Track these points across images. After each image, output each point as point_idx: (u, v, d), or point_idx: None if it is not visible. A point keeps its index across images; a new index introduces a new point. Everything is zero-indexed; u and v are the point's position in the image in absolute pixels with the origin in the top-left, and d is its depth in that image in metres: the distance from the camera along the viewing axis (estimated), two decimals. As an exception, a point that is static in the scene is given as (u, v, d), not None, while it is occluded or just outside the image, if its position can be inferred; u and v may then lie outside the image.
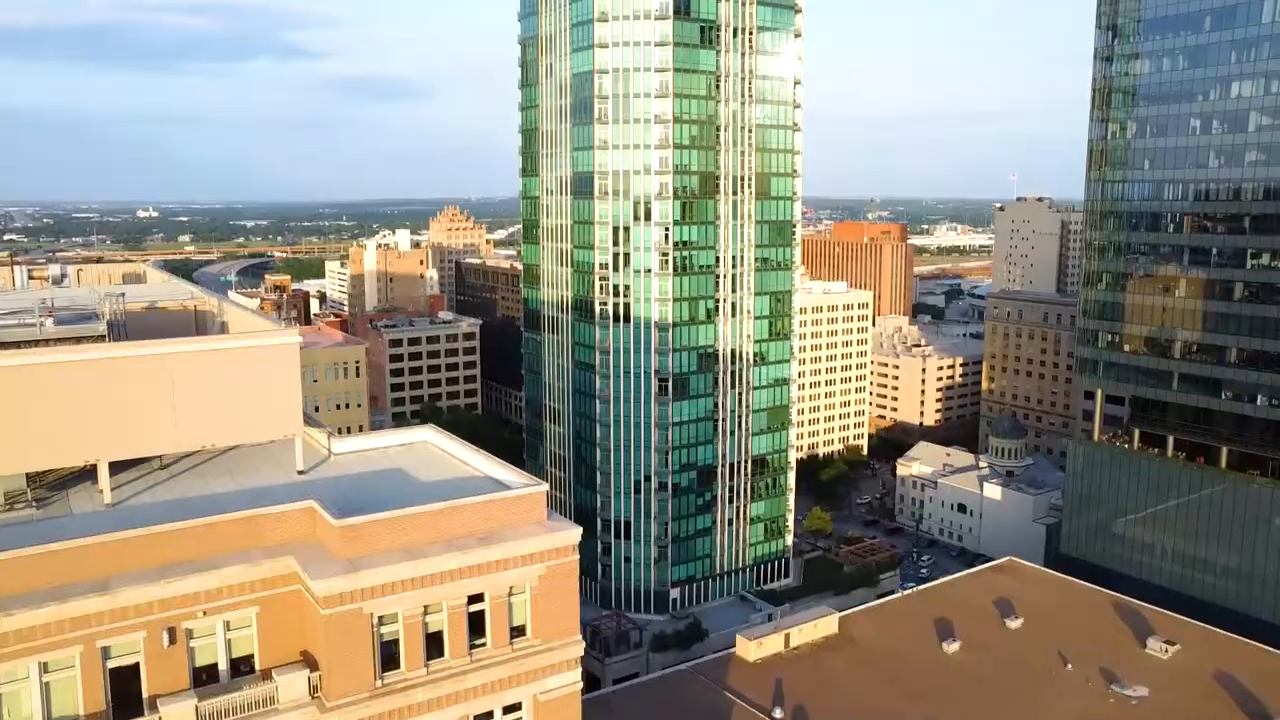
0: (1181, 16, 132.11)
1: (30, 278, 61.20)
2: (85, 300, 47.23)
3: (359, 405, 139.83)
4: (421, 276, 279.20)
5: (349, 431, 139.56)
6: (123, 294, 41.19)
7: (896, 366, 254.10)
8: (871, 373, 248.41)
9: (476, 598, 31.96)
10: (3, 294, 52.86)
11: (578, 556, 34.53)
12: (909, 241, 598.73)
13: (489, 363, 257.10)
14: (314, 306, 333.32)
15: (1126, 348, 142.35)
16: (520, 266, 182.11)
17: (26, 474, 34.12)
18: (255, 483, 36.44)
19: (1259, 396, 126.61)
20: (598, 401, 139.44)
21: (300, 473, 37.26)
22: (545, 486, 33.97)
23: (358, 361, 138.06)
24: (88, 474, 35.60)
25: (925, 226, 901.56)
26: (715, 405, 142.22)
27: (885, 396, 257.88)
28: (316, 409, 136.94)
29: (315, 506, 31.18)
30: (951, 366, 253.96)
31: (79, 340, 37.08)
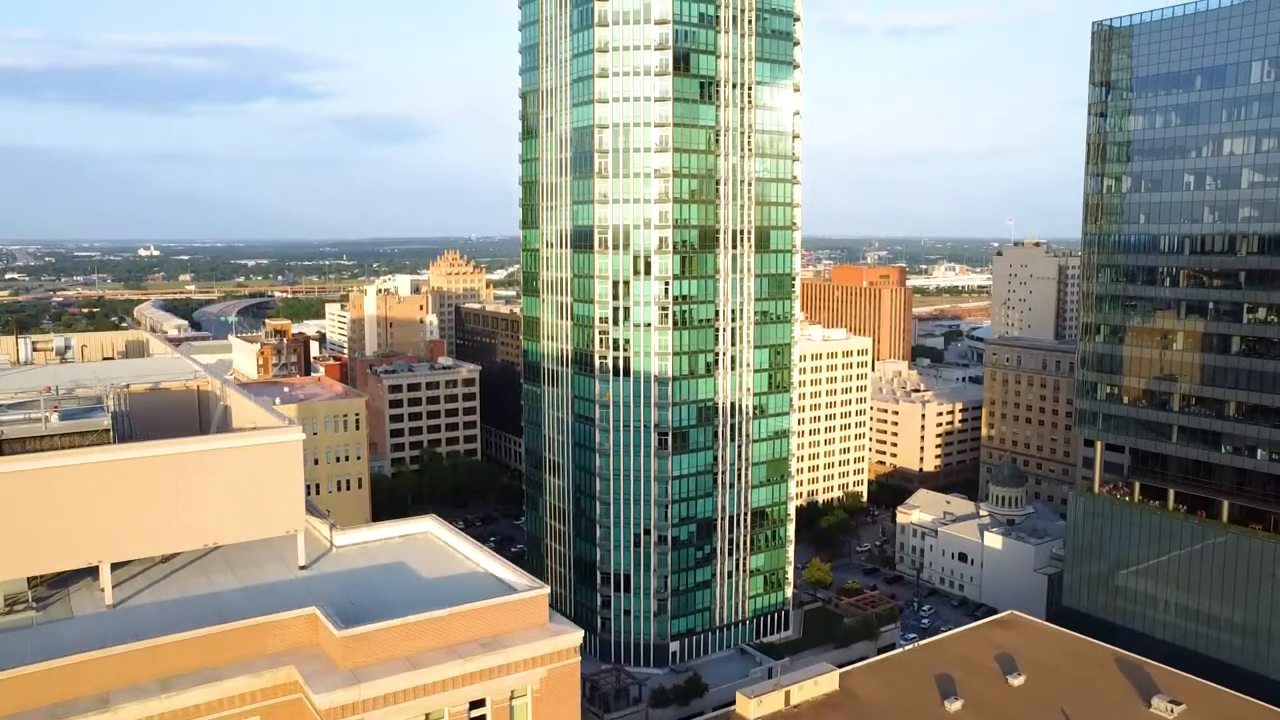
0: (1173, 75, 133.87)
1: (35, 350, 61.43)
2: (89, 381, 47.49)
3: (358, 458, 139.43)
4: (421, 322, 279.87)
5: (347, 486, 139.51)
6: (126, 386, 41.32)
7: (896, 412, 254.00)
8: (871, 418, 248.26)
9: (478, 703, 31.82)
10: (6, 373, 53.07)
11: (579, 658, 34.37)
12: (908, 282, 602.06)
13: (489, 408, 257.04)
14: (314, 349, 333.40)
15: (1125, 399, 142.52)
16: (520, 312, 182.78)
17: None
18: (257, 579, 36.40)
19: (1259, 450, 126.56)
20: (597, 455, 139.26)
21: (302, 567, 37.24)
22: (547, 589, 33.94)
23: (357, 414, 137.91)
24: (89, 569, 35.57)
25: (924, 267, 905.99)
26: (715, 458, 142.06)
27: (885, 442, 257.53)
28: (316, 461, 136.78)
29: (318, 614, 31.12)
30: (951, 412, 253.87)
31: (83, 435, 37.27)
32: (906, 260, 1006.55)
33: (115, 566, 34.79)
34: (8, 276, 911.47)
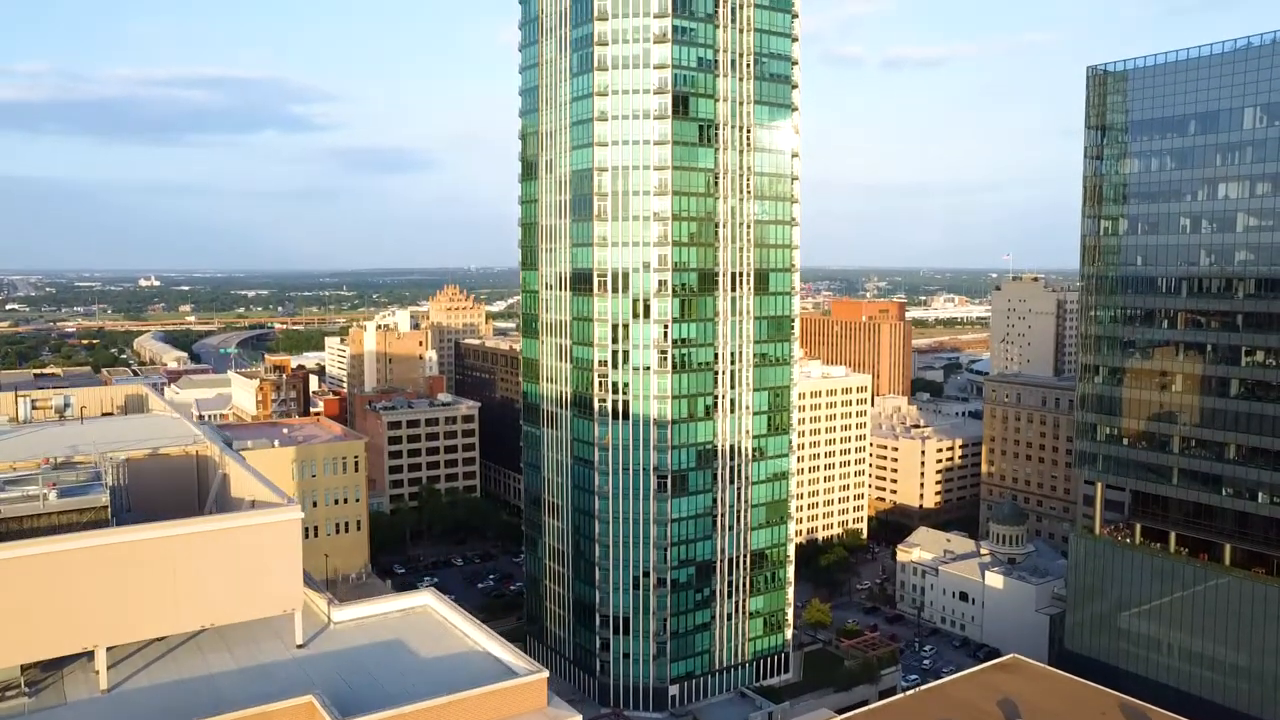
0: (1167, 119, 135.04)
1: (34, 408, 61.47)
2: (88, 448, 47.49)
3: (357, 499, 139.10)
4: (421, 358, 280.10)
5: (346, 529, 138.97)
6: (126, 460, 41.30)
7: (895, 448, 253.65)
8: (871, 455, 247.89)
9: (475, 791, 31.55)
10: (6, 436, 53.02)
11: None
12: (907, 313, 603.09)
13: (488, 444, 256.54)
14: (313, 383, 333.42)
15: (1125, 441, 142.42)
16: (519, 349, 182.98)
17: (23, 659, 33.88)
18: (254, 658, 36.19)
19: (1260, 494, 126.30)
20: (597, 497, 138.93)
21: (300, 646, 37.05)
22: (546, 673, 33.75)
23: (356, 456, 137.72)
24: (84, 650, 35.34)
25: (923, 298, 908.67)
26: (714, 501, 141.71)
27: (885, 478, 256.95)
28: (315, 504, 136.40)
29: (315, 703, 30.94)
30: (951, 448, 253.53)
31: (81, 513, 37.25)
32: (905, 291, 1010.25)
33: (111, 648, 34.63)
34: (8, 307, 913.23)
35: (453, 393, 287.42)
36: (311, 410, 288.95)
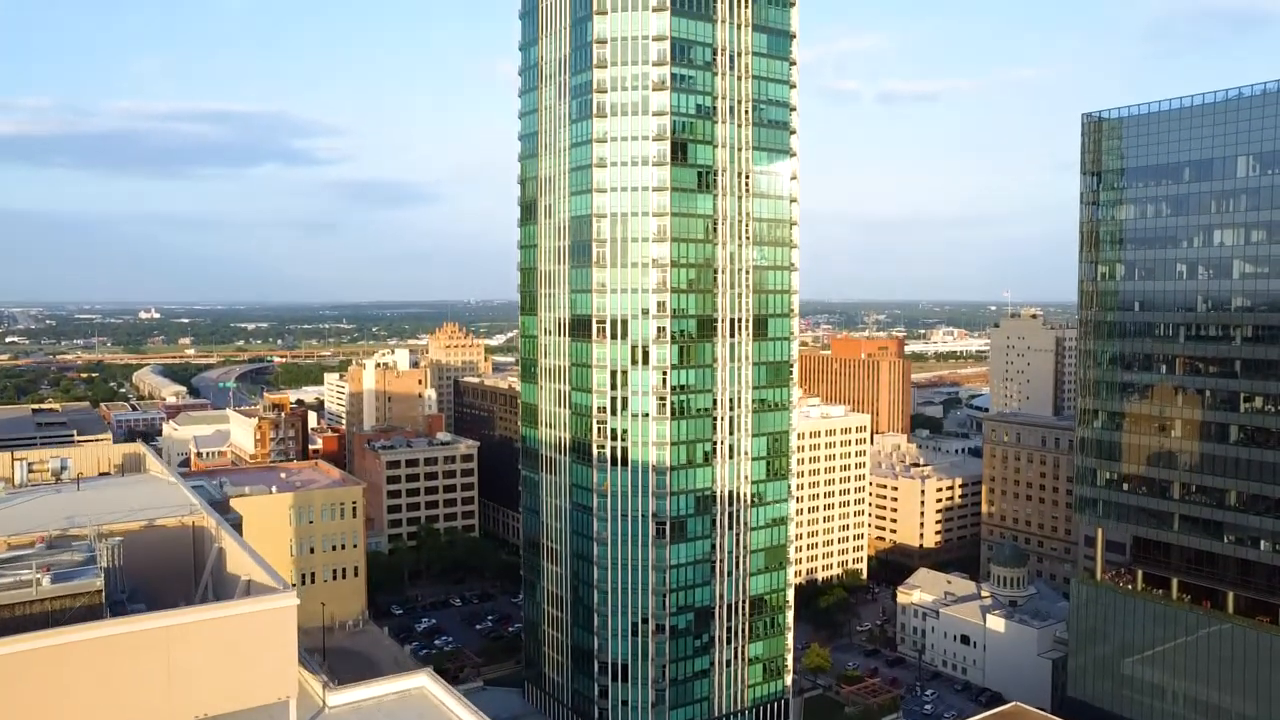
0: (1162, 167, 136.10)
1: (31, 471, 61.35)
2: (84, 520, 47.35)
3: (354, 545, 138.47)
4: (420, 396, 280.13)
5: (343, 575, 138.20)
6: (121, 540, 41.14)
7: (895, 488, 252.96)
8: (870, 494, 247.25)
9: None
10: (0, 504, 52.84)
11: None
12: (906, 348, 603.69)
13: (487, 482, 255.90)
14: (311, 419, 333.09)
15: (1125, 486, 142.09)
16: (518, 386, 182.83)
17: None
18: (246, 747, 35.82)
19: (1262, 541, 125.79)
20: (595, 543, 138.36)
21: (292, 733, 36.68)
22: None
23: (354, 502, 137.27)
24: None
25: (922, 331, 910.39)
26: (713, 546, 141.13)
27: (884, 518, 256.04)
28: (312, 550, 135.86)
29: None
30: (951, 487, 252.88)
31: (75, 598, 37.04)
32: (905, 324, 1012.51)
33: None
34: (9, 340, 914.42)
35: (452, 431, 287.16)
36: (310, 448, 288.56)
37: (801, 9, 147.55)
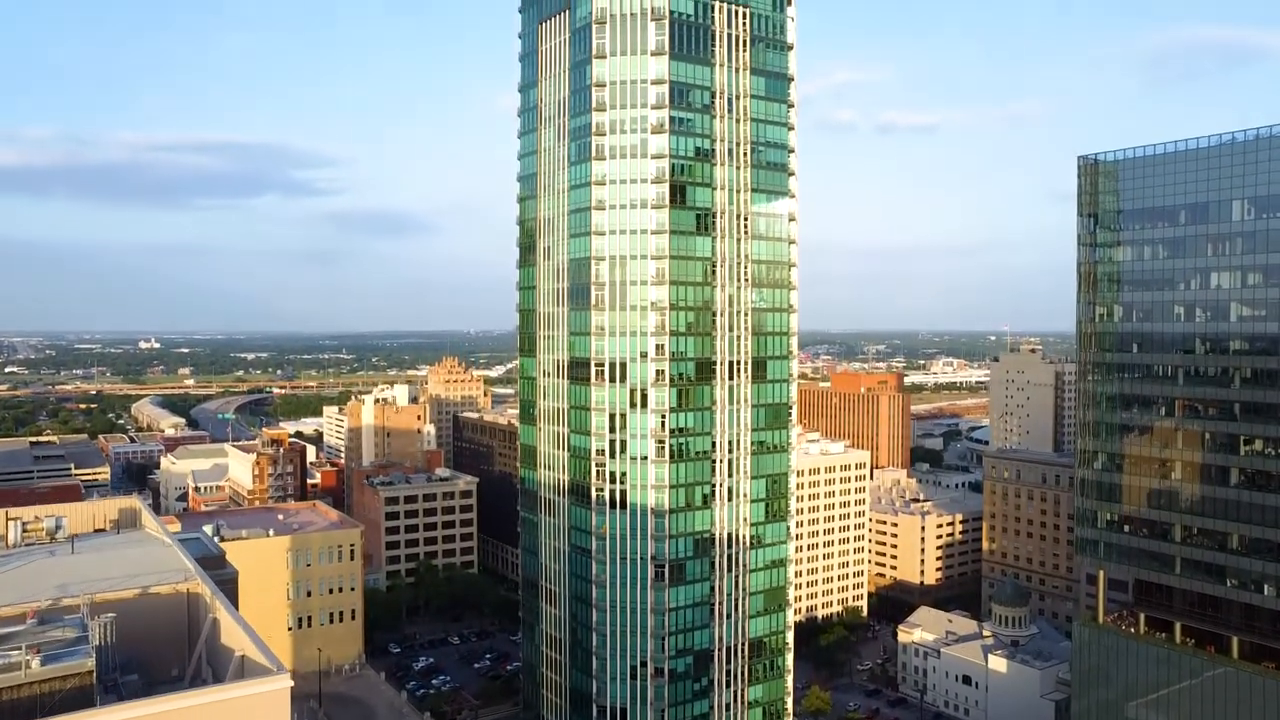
0: (1158, 209, 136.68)
1: (25, 531, 61.08)
2: (77, 589, 47.09)
3: (352, 589, 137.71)
4: (419, 431, 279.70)
5: (340, 618, 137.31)
6: (114, 616, 40.87)
7: (895, 524, 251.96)
8: (870, 530, 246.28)
9: None
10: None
11: None
12: (906, 379, 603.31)
13: (486, 517, 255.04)
14: (310, 453, 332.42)
15: (1126, 529, 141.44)
16: (517, 420, 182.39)
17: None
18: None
19: (1266, 586, 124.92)
20: (594, 586, 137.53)
21: (284, 818, 36.26)
22: None
23: (353, 545, 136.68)
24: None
25: (922, 362, 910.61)
26: (711, 589, 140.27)
27: (885, 554, 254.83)
28: (309, 594, 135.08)
29: None
30: (951, 524, 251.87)
31: (65, 680, 36.74)
32: (904, 354, 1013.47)
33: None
34: (8, 370, 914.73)
35: (451, 465, 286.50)
36: (308, 482, 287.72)
37: (800, 41, 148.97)
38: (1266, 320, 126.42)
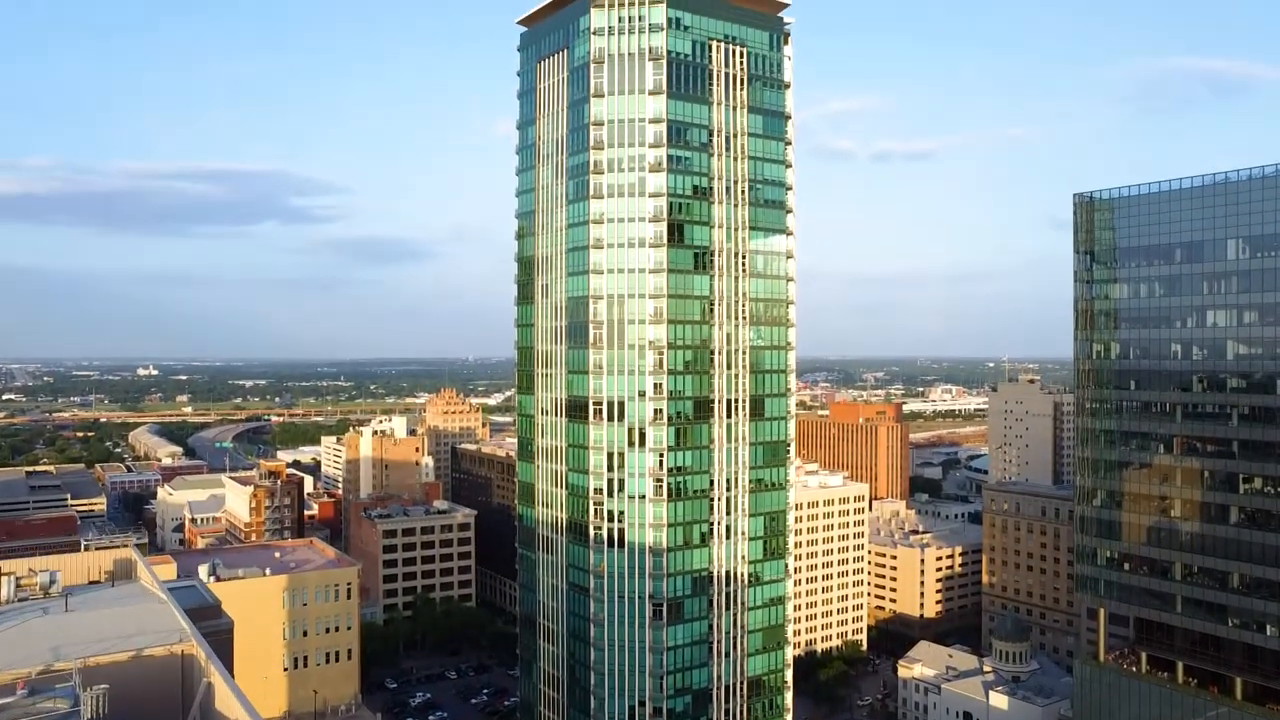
0: (1154, 248, 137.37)
1: (19, 585, 60.72)
2: (69, 651, 46.77)
3: (349, 628, 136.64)
4: (417, 464, 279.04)
5: (336, 658, 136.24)
6: (106, 687, 40.57)
7: (894, 556, 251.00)
8: (869, 563, 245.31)
9: None
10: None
11: None
12: (905, 406, 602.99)
13: (484, 549, 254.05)
14: (308, 483, 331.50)
15: (1126, 566, 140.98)
16: (515, 453, 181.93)
17: None
18: None
19: (1269, 627, 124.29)
20: (592, 624, 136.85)
21: None
22: None
23: (349, 584, 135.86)
24: None
25: (920, 389, 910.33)
26: (710, 627, 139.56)
27: (884, 587, 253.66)
28: (305, 633, 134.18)
29: None
30: (950, 556, 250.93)
31: (57, 756, 36.41)
32: (903, 381, 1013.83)
33: None
34: (5, 397, 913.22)
35: (449, 497, 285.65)
36: (306, 513, 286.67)
37: (797, 69, 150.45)
38: (1264, 359, 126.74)
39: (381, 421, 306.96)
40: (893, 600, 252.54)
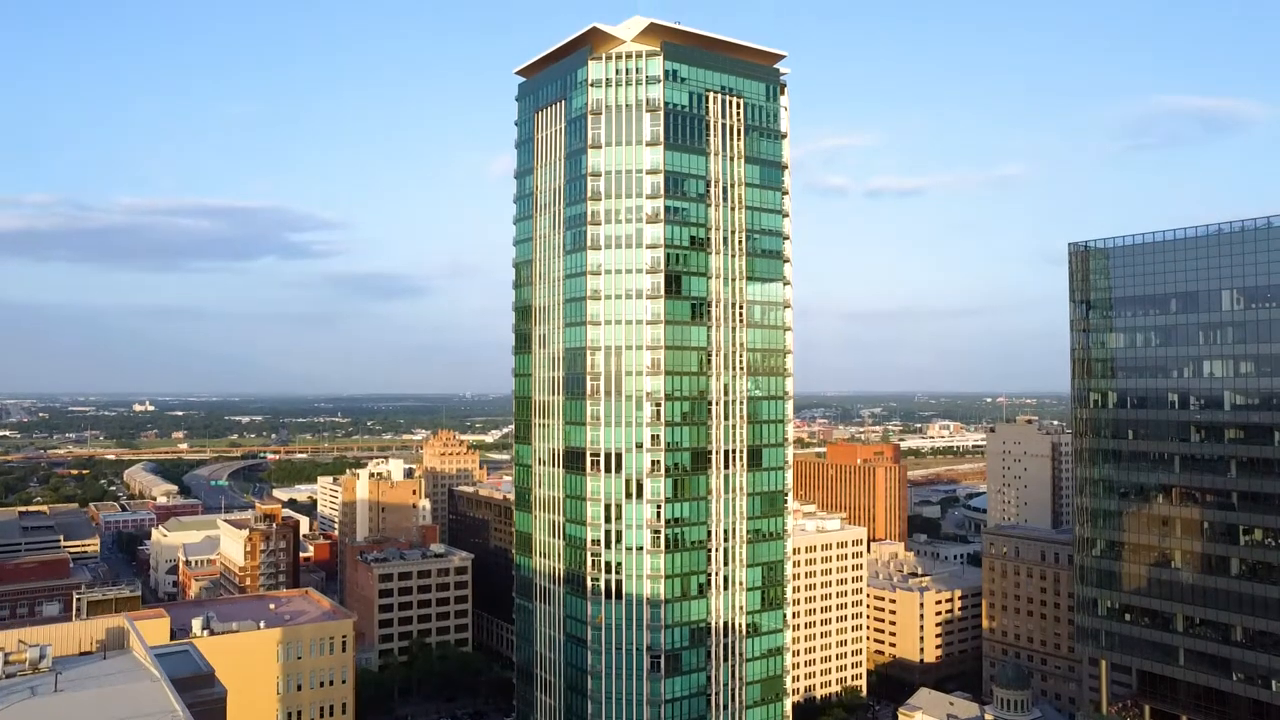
0: (1150, 297, 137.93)
1: (8, 661, 60.11)
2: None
3: (344, 681, 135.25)
4: (414, 506, 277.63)
5: (330, 713, 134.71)
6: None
7: (893, 600, 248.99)
8: (868, 606, 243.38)
9: None
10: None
11: None
12: (903, 443, 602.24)
13: (481, 592, 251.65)
14: (304, 525, 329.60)
15: (1127, 617, 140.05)
16: (512, 496, 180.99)
17: None
18: None
19: (1274, 681, 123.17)
20: (589, 677, 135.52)
21: None
22: None
23: (345, 636, 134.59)
24: None
25: (918, 425, 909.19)
26: (708, 679, 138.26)
27: (883, 630, 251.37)
28: (299, 687, 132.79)
29: None
30: (950, 599, 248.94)
31: None
32: (900, 417, 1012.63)
33: None
34: (0, 434, 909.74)
35: (446, 540, 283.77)
36: (301, 555, 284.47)
37: (792, 107, 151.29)
38: (1260, 409, 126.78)
39: (378, 463, 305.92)
40: (892, 644, 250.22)
